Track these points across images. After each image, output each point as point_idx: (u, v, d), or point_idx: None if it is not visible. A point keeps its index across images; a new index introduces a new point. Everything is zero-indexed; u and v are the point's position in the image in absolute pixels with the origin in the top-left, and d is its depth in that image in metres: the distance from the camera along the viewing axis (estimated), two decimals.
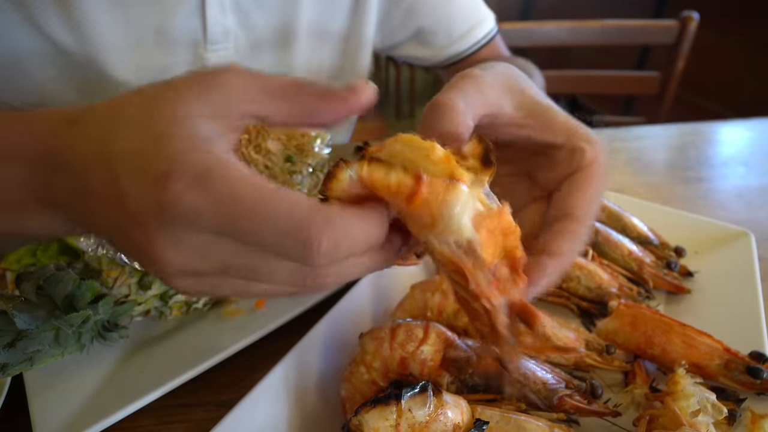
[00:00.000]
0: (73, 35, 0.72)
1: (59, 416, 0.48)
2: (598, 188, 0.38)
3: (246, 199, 0.26)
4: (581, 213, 0.36)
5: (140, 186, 0.27)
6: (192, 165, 0.26)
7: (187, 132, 0.27)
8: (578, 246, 0.36)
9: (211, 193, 0.26)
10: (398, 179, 0.28)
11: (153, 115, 0.28)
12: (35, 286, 0.47)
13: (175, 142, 0.27)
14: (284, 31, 0.86)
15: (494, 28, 0.99)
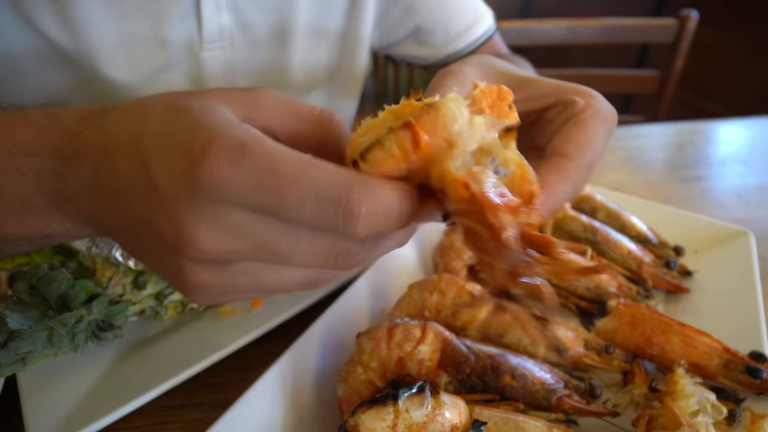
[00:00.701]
0: (67, 33, 0.71)
1: (53, 417, 0.48)
2: (594, 132, 0.37)
3: (285, 170, 0.25)
4: (571, 152, 0.36)
5: (174, 163, 0.26)
6: (229, 138, 0.26)
7: (221, 115, 0.28)
8: (567, 184, 0.35)
9: (250, 164, 0.25)
10: (395, 141, 0.27)
11: (185, 104, 0.29)
12: (28, 285, 0.47)
13: (209, 123, 0.27)
14: (280, 29, 0.85)
15: (492, 27, 0.98)
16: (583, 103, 0.37)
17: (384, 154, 0.27)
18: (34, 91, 0.77)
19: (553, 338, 0.53)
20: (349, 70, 0.99)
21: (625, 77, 1.63)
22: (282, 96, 0.32)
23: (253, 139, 0.26)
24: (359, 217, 0.26)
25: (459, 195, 0.27)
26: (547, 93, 0.38)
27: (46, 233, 0.35)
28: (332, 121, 0.33)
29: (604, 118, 0.38)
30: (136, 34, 0.75)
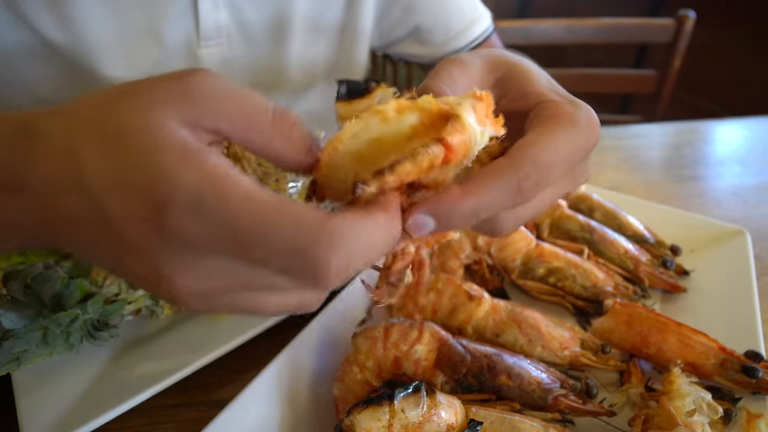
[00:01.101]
0: (63, 31, 0.71)
1: (47, 417, 0.48)
2: (555, 139, 0.32)
3: (246, 225, 0.24)
4: (520, 157, 0.31)
5: (134, 213, 0.25)
6: (186, 190, 0.24)
7: (168, 145, 0.25)
8: (494, 187, 0.30)
9: (211, 219, 0.24)
10: (428, 156, 0.27)
11: (123, 123, 0.25)
12: (23, 284, 0.46)
13: (159, 164, 0.25)
14: (278, 26, 0.85)
15: (491, 26, 0.98)
16: (556, 108, 0.33)
17: (413, 167, 0.27)
18: (30, 89, 0.77)
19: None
20: (348, 66, 0.98)
21: (622, 77, 1.63)
22: (226, 92, 0.27)
23: (210, 187, 0.24)
24: (329, 270, 0.25)
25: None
26: (531, 95, 0.35)
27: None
28: (288, 126, 0.29)
29: (576, 128, 0.33)
30: (133, 32, 0.75)
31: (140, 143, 0.25)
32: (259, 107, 0.28)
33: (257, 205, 0.24)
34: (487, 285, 0.65)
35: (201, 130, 0.27)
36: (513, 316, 0.55)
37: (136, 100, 0.26)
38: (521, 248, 0.65)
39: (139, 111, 0.26)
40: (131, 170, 0.25)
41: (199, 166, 0.25)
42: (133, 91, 0.27)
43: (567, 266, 0.64)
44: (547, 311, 0.58)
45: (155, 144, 0.25)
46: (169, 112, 0.26)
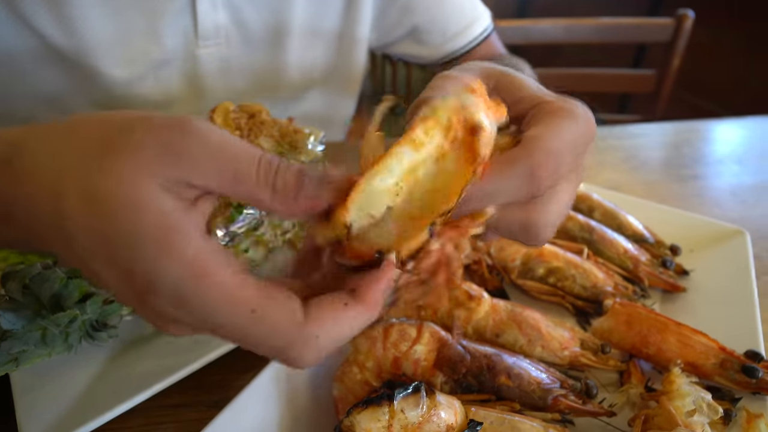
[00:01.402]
0: (63, 30, 0.71)
1: (46, 417, 0.47)
2: (557, 130, 0.33)
3: (228, 325, 0.27)
4: (532, 147, 0.32)
5: (116, 284, 0.27)
6: (167, 282, 0.26)
7: (150, 218, 0.26)
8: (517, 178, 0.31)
9: (192, 313, 0.27)
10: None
11: (107, 186, 0.26)
12: (21, 285, 0.46)
13: (140, 238, 0.26)
14: (277, 28, 0.85)
15: (490, 26, 0.98)
16: (557, 105, 0.34)
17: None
18: (31, 91, 0.77)
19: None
20: (347, 70, 0.98)
21: (622, 76, 1.63)
22: (212, 148, 0.27)
23: (191, 284, 0.26)
24: (303, 365, 0.28)
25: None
26: (526, 99, 0.36)
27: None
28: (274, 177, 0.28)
29: (577, 119, 0.34)
30: (132, 31, 0.75)
31: (123, 212, 0.26)
32: (245, 160, 0.28)
33: (236, 308, 0.26)
34: (486, 285, 0.65)
35: (186, 186, 0.27)
36: (513, 316, 0.54)
37: (122, 160, 0.26)
38: (521, 248, 0.65)
39: (124, 174, 0.26)
40: (113, 242, 0.26)
41: (180, 257, 0.26)
42: (121, 148, 0.27)
43: (567, 266, 0.64)
44: (547, 311, 0.58)
45: (137, 216, 0.26)
46: (152, 177, 0.26)
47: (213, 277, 0.26)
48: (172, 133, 0.27)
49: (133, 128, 0.27)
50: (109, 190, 0.26)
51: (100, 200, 0.26)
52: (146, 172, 0.26)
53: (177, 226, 0.26)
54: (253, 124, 0.66)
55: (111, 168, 0.26)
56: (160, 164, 0.26)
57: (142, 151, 0.26)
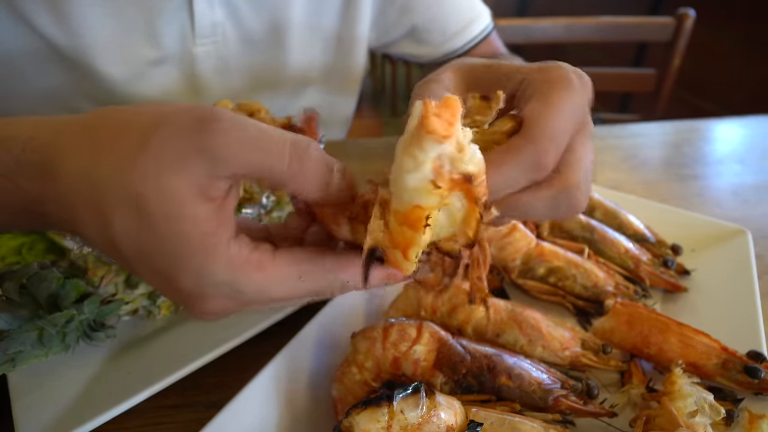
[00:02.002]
0: (61, 29, 0.71)
1: (43, 418, 0.47)
2: (565, 103, 0.32)
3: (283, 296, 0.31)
4: (535, 133, 0.32)
5: (164, 289, 0.31)
6: (220, 284, 0.29)
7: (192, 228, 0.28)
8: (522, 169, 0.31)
9: (249, 300, 0.31)
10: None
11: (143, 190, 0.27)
12: (18, 285, 0.46)
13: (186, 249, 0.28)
14: (274, 26, 0.85)
15: (490, 25, 0.98)
16: (548, 74, 0.34)
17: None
18: (29, 89, 0.77)
19: None
20: (346, 69, 0.98)
21: (622, 75, 1.63)
22: (241, 138, 0.28)
23: (245, 279, 0.29)
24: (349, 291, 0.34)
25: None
26: (510, 72, 0.35)
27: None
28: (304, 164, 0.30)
29: (572, 85, 0.33)
30: (129, 30, 0.75)
31: (164, 225, 0.28)
32: (275, 147, 0.29)
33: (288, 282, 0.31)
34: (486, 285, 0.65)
35: (218, 180, 0.29)
36: (513, 316, 0.54)
37: (154, 164, 0.28)
38: (521, 248, 0.65)
39: (160, 183, 0.27)
40: (157, 254, 0.29)
41: (224, 260, 0.29)
42: (153, 153, 0.28)
43: (567, 266, 0.63)
44: (548, 311, 0.57)
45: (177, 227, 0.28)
46: (185, 180, 0.28)
47: (260, 267, 0.30)
48: (199, 130, 0.28)
49: (160, 130, 0.28)
50: (148, 202, 0.27)
51: (140, 213, 0.28)
52: (179, 176, 0.27)
53: (213, 231, 0.28)
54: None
55: (147, 178, 0.27)
56: (192, 165, 0.28)
57: (173, 154, 0.28)
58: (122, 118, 0.30)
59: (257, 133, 0.29)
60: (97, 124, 0.30)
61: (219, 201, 0.29)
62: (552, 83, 0.33)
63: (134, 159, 0.28)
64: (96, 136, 0.30)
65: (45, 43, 0.71)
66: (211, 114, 0.28)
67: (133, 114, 0.30)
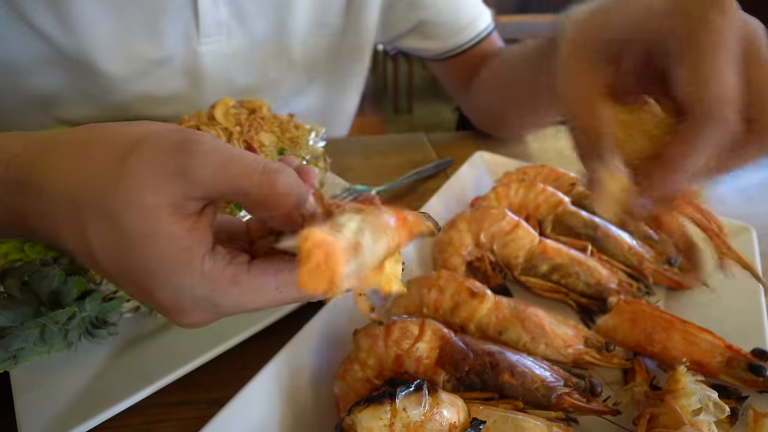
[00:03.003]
0: (62, 27, 0.70)
1: (46, 415, 0.47)
2: (711, 63, 0.31)
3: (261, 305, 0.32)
4: (703, 108, 0.31)
5: (145, 300, 0.32)
6: (199, 301, 0.30)
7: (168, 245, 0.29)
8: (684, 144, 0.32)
9: (227, 311, 0.32)
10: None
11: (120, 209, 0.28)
12: (20, 281, 0.46)
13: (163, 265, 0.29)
14: (279, 23, 0.84)
15: (491, 26, 0.98)
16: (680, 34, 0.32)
17: None
18: (29, 88, 0.76)
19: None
20: (349, 66, 0.98)
21: None
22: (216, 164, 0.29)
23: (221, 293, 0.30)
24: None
25: None
26: (623, 27, 0.35)
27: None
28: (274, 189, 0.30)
29: (725, 36, 0.32)
30: (131, 28, 0.74)
31: (141, 242, 0.29)
32: (247, 171, 0.30)
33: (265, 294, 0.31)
34: (489, 282, 0.65)
35: (192, 200, 0.30)
36: (516, 314, 0.54)
37: (132, 182, 0.29)
38: (524, 245, 0.65)
39: (135, 195, 0.28)
40: (136, 272, 0.30)
41: (200, 275, 0.30)
42: (131, 172, 0.29)
43: (570, 263, 0.63)
44: (551, 309, 0.57)
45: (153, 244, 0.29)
46: (162, 199, 0.29)
47: (235, 280, 0.30)
48: (179, 151, 0.29)
49: (141, 148, 0.29)
50: (125, 219, 0.28)
51: (118, 230, 0.29)
52: (156, 195, 0.28)
53: (189, 247, 0.29)
54: (254, 120, 0.65)
55: (125, 196, 0.28)
56: (168, 184, 0.29)
57: (151, 173, 0.29)
58: (106, 135, 0.31)
59: (232, 157, 0.30)
60: (82, 140, 0.32)
61: (194, 218, 0.30)
62: (693, 42, 0.32)
63: (113, 177, 0.29)
64: (79, 153, 0.31)
65: (45, 42, 0.71)
66: (192, 136, 0.30)
67: (117, 132, 0.31)
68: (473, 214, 0.68)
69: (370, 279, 0.29)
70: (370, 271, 0.28)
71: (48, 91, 0.77)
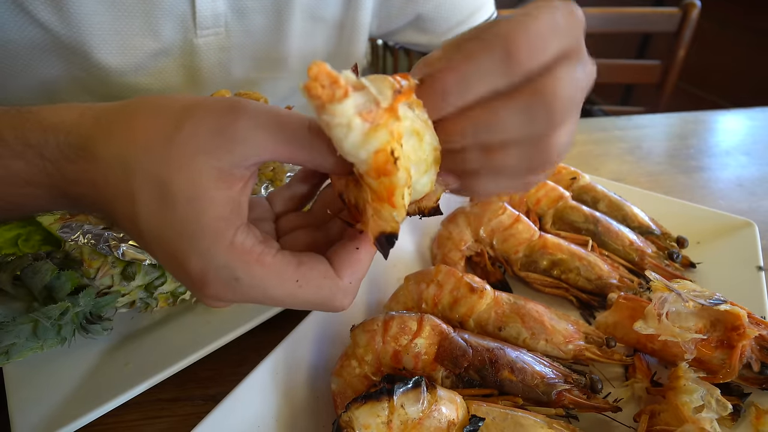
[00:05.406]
0: (59, 18, 0.70)
1: (40, 411, 0.47)
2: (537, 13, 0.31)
3: (278, 293, 0.32)
4: (502, 29, 0.30)
5: (179, 273, 0.32)
6: (222, 271, 0.30)
7: (208, 210, 0.30)
8: (492, 59, 0.30)
9: (246, 292, 0.31)
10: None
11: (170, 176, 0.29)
12: (12, 276, 0.45)
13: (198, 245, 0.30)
14: (277, 16, 0.83)
15: (494, 14, 0.96)
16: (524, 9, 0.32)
17: None
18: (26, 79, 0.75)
19: None
20: (348, 58, 0.97)
21: (627, 67, 1.61)
22: (265, 126, 0.30)
23: (244, 267, 0.30)
24: (346, 308, 0.34)
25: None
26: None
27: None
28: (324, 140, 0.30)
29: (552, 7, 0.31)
30: (129, 20, 0.73)
31: (184, 207, 0.30)
32: (296, 129, 0.31)
33: (284, 282, 0.31)
34: (488, 277, 0.64)
35: (242, 168, 0.31)
36: (516, 309, 0.53)
37: (184, 147, 0.30)
38: (524, 240, 0.64)
39: (186, 160, 0.30)
40: (174, 236, 0.30)
41: (230, 245, 0.30)
42: (179, 140, 0.30)
43: (571, 258, 0.62)
44: (551, 304, 0.57)
45: (196, 208, 0.29)
46: (208, 165, 0.30)
47: (259, 260, 0.31)
48: (223, 119, 0.30)
49: (194, 112, 0.30)
50: (173, 183, 0.29)
51: (165, 193, 0.29)
52: (206, 158, 0.29)
53: (226, 216, 0.30)
54: None
55: (178, 161, 0.29)
56: (215, 151, 0.30)
57: (197, 142, 0.30)
58: (158, 102, 0.32)
59: (278, 114, 0.31)
60: (135, 109, 0.33)
61: (238, 187, 0.31)
62: (530, 8, 0.32)
63: (167, 141, 0.30)
64: (132, 120, 0.32)
65: (43, 33, 0.70)
66: (240, 101, 0.31)
67: (168, 100, 0.32)
68: (473, 208, 0.67)
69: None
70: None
71: (47, 80, 0.76)
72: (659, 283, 0.49)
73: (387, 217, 0.29)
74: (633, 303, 0.54)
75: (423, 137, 0.29)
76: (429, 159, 0.30)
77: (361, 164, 0.27)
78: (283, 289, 0.32)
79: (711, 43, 2.35)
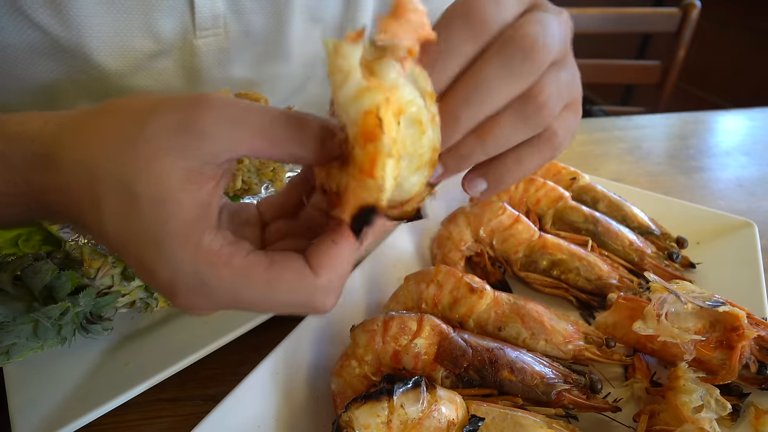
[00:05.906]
0: (58, 20, 0.70)
1: (41, 411, 0.47)
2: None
3: (247, 298, 0.30)
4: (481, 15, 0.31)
5: (149, 279, 0.30)
6: (189, 277, 0.29)
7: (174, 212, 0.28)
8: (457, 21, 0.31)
9: (216, 298, 0.30)
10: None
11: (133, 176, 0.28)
12: (12, 276, 0.45)
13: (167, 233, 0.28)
14: (277, 17, 0.83)
15: None
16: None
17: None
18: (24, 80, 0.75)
19: None
20: None
21: (627, 67, 1.61)
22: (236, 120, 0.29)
23: (210, 271, 0.29)
24: (329, 309, 0.32)
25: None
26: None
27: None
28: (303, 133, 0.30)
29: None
30: (128, 21, 0.73)
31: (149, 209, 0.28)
32: (272, 121, 0.29)
33: (254, 284, 0.29)
34: (488, 277, 0.64)
35: (213, 166, 0.29)
36: (516, 309, 0.53)
37: (149, 146, 0.28)
38: (524, 240, 0.64)
39: (150, 159, 0.28)
40: (141, 241, 0.29)
41: (196, 249, 0.29)
42: (148, 133, 0.28)
43: (570, 258, 0.62)
44: (550, 304, 0.57)
45: (161, 212, 0.28)
46: (176, 160, 0.28)
47: (228, 262, 0.29)
48: (187, 114, 0.28)
49: (157, 111, 0.29)
50: (138, 184, 0.28)
51: (130, 196, 0.28)
52: (172, 157, 0.28)
53: (194, 219, 0.29)
54: None
55: (142, 162, 0.28)
56: (181, 150, 0.28)
57: (160, 141, 0.28)
58: (125, 104, 0.31)
59: (251, 110, 0.29)
60: (101, 112, 0.31)
61: (207, 187, 0.29)
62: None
63: (131, 142, 0.28)
64: (96, 124, 0.31)
65: (42, 35, 0.70)
66: (206, 95, 0.30)
67: (136, 100, 0.31)
68: (473, 208, 0.67)
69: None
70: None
71: (47, 83, 0.76)
72: (658, 284, 0.49)
73: (369, 186, 0.27)
74: (632, 303, 0.54)
75: (425, 131, 0.28)
76: (425, 157, 0.29)
77: (351, 126, 0.26)
78: (254, 292, 0.29)
79: (711, 43, 2.35)
